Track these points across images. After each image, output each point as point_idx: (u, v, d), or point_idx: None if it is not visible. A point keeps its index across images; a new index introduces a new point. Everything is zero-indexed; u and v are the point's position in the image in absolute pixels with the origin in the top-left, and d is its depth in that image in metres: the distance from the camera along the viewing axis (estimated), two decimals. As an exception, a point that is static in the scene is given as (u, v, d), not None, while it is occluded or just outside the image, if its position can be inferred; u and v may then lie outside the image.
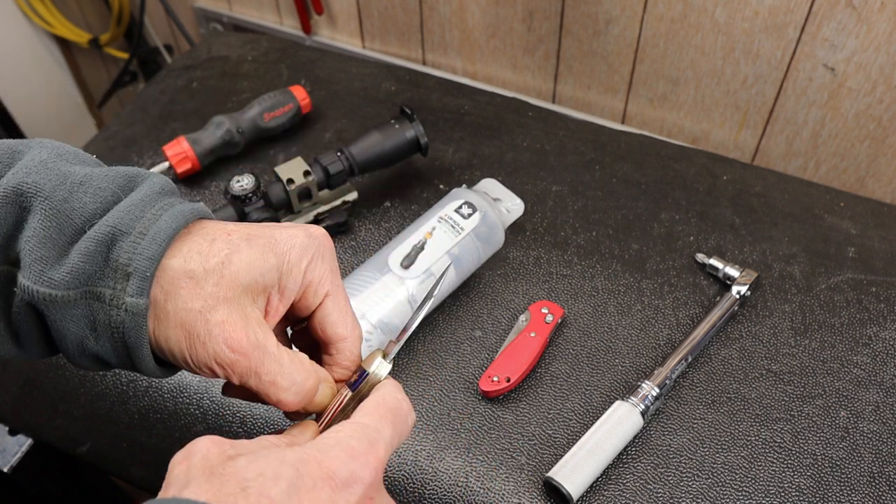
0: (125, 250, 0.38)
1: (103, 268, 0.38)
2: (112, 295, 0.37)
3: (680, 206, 0.89)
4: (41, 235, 0.38)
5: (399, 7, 1.19)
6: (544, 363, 0.75)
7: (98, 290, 0.38)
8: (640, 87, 1.09)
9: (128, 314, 0.37)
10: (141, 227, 0.38)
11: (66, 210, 0.38)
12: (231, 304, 0.39)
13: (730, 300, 0.78)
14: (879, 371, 0.74)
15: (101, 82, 1.74)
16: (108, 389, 0.78)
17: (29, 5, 1.48)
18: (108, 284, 0.38)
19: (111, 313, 0.38)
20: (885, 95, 0.93)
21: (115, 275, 0.38)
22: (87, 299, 0.38)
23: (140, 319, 0.38)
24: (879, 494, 0.66)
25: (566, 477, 0.64)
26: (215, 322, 0.38)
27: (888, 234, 0.86)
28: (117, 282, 0.37)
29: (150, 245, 0.38)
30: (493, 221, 0.78)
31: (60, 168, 0.40)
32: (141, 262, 0.37)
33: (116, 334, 0.38)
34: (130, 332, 0.38)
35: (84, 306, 0.38)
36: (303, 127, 1.00)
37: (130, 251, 0.38)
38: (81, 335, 0.39)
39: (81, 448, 0.79)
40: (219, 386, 0.75)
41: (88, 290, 0.38)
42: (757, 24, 0.95)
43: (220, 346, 0.39)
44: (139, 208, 0.39)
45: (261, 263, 0.40)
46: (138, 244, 0.38)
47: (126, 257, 0.38)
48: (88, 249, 0.38)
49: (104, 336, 0.38)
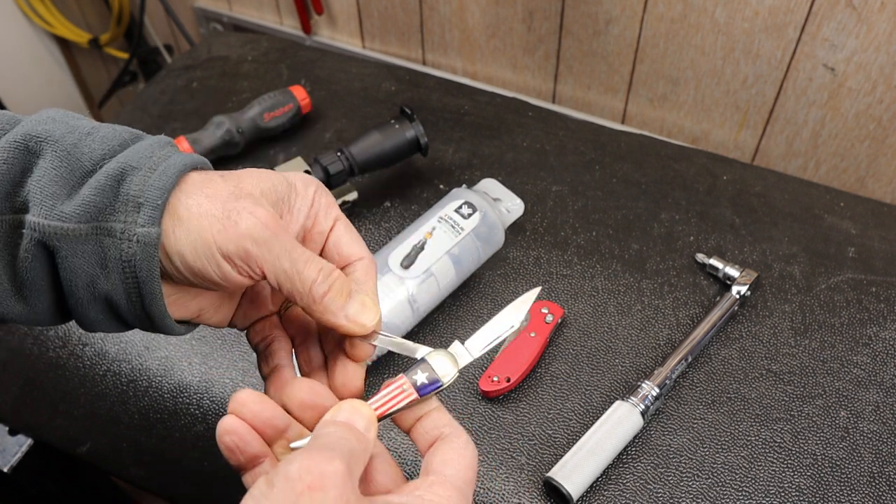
0: (136, 184, 0.38)
1: (114, 201, 0.38)
2: (123, 228, 0.38)
3: (680, 206, 0.89)
4: (52, 175, 0.38)
5: (399, 7, 1.19)
6: (544, 363, 0.75)
7: (109, 224, 0.38)
8: (640, 87, 1.09)
9: (139, 245, 0.37)
10: (151, 163, 0.39)
11: (75, 153, 0.39)
12: (254, 199, 0.40)
13: (730, 300, 0.78)
14: (879, 371, 0.74)
15: (101, 82, 1.75)
16: (108, 389, 0.78)
17: (29, 5, 1.48)
18: (118, 219, 0.38)
19: (122, 247, 0.38)
20: (885, 95, 0.93)
21: (126, 208, 0.38)
22: (98, 235, 0.38)
23: (151, 250, 0.38)
24: (879, 494, 0.66)
25: (566, 477, 0.64)
26: (244, 205, 0.39)
27: (888, 234, 0.86)
28: (128, 214, 0.38)
29: (161, 177, 0.38)
30: (493, 221, 0.78)
31: (68, 120, 0.41)
32: (152, 193, 0.38)
33: (128, 269, 0.38)
34: (142, 265, 0.38)
35: (94, 242, 0.38)
36: (303, 127, 1.00)
37: (141, 184, 0.38)
38: (92, 273, 0.38)
39: (81, 448, 0.79)
40: (219, 386, 0.75)
41: (99, 225, 0.38)
42: (757, 24, 0.95)
43: (254, 221, 0.38)
44: (148, 150, 0.40)
45: (271, 181, 0.42)
46: (149, 177, 0.38)
47: (137, 190, 0.38)
48: (99, 183, 0.38)
49: (115, 272, 0.38)
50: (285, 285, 0.40)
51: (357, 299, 0.41)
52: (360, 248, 0.44)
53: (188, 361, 0.77)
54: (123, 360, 0.78)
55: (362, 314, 0.41)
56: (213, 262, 0.39)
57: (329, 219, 0.44)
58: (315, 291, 0.40)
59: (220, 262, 0.39)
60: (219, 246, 0.38)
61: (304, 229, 0.43)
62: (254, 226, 0.38)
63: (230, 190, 0.39)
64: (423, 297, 0.74)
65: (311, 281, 0.40)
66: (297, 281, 0.40)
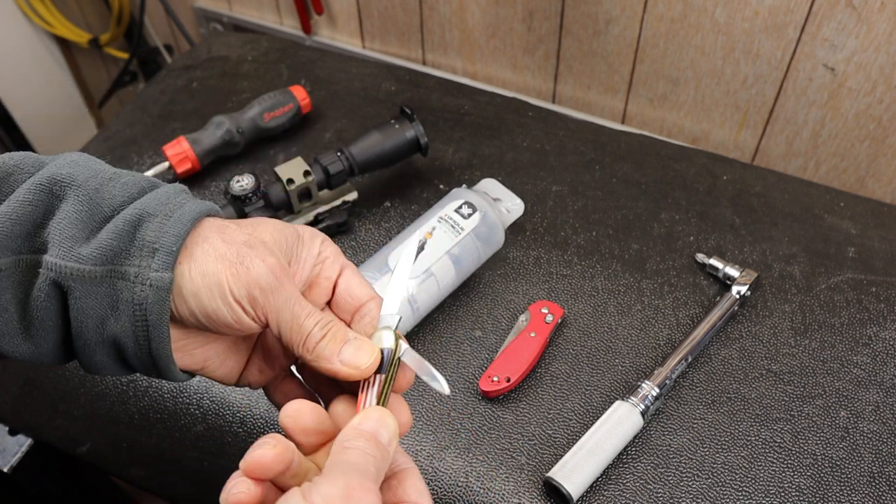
0: (152, 230, 0.40)
1: (129, 246, 0.39)
2: (137, 272, 0.39)
3: (680, 206, 0.89)
4: (73, 218, 0.40)
5: (399, 7, 1.19)
6: (544, 363, 0.75)
7: (123, 268, 0.39)
8: (640, 87, 1.09)
9: (152, 289, 0.39)
10: (167, 210, 0.41)
11: (97, 199, 0.41)
12: (266, 247, 0.42)
13: (730, 300, 0.78)
14: (879, 371, 0.74)
15: (101, 82, 1.74)
16: (108, 389, 0.78)
17: (29, 5, 1.48)
18: (133, 263, 0.39)
19: (135, 290, 0.39)
20: (885, 95, 0.93)
21: (141, 252, 0.39)
22: (112, 277, 0.39)
23: (164, 294, 0.39)
24: (879, 494, 0.66)
25: (566, 477, 0.64)
26: (257, 252, 0.41)
27: (888, 234, 0.86)
28: (143, 259, 0.39)
29: (176, 224, 0.40)
30: (493, 221, 0.78)
31: (91, 165, 0.43)
32: (167, 239, 0.39)
33: (138, 312, 0.39)
34: (153, 308, 0.39)
35: (108, 284, 0.39)
36: (303, 127, 1.00)
37: (157, 230, 0.40)
38: (102, 315, 0.39)
39: (81, 448, 0.79)
40: (219, 386, 0.75)
41: (114, 268, 0.39)
42: (757, 24, 0.95)
43: (264, 269, 0.40)
44: (165, 197, 0.42)
45: (283, 232, 0.44)
46: (164, 223, 0.40)
47: (153, 236, 0.39)
48: (117, 228, 0.40)
49: (125, 314, 0.39)
50: (285, 335, 0.42)
51: (352, 344, 0.43)
52: (370, 290, 0.46)
53: (188, 361, 0.77)
54: (123, 360, 0.78)
55: (356, 357, 0.42)
56: (227, 304, 0.40)
57: (336, 266, 0.46)
58: (310, 342, 0.42)
59: (232, 305, 0.40)
60: (230, 288, 0.40)
61: (310, 277, 0.45)
62: (264, 273, 0.40)
63: (245, 238, 0.41)
64: (423, 297, 0.74)
65: (308, 332, 0.42)
66: (296, 332, 0.41)
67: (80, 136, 1.70)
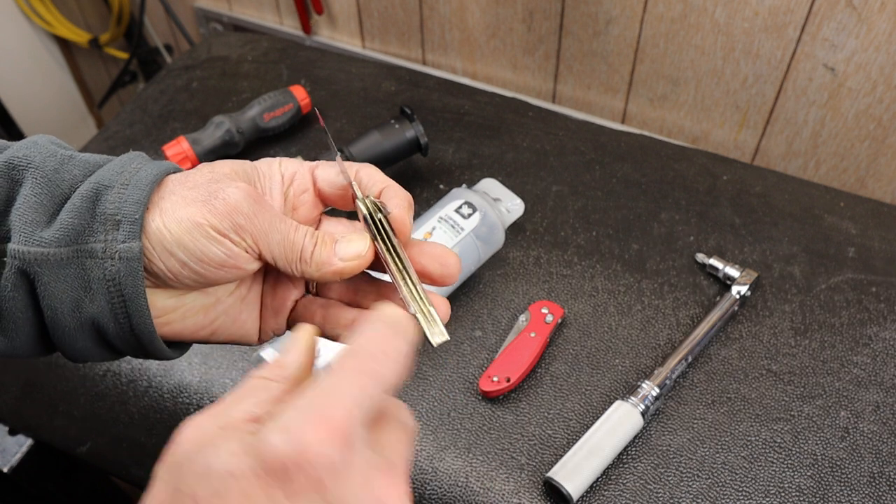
0: (111, 201, 0.38)
1: (92, 222, 0.38)
2: (104, 248, 0.37)
3: (680, 206, 0.89)
4: (32, 202, 0.38)
5: (399, 7, 1.19)
6: (544, 363, 0.75)
7: (89, 246, 0.38)
8: (640, 87, 1.09)
9: (122, 261, 0.37)
10: (123, 179, 0.39)
11: (56, 179, 0.39)
12: (231, 177, 0.40)
13: (730, 300, 0.78)
14: (879, 371, 0.74)
15: (101, 82, 1.74)
16: (108, 389, 0.78)
17: (29, 5, 1.48)
18: (98, 238, 0.38)
19: (105, 265, 0.37)
20: (885, 95, 0.93)
21: (105, 227, 0.38)
22: (80, 257, 0.38)
23: (134, 264, 0.37)
24: (879, 494, 0.66)
25: (566, 477, 0.64)
26: (227, 184, 0.39)
27: (888, 234, 0.86)
28: (107, 233, 0.38)
29: (135, 191, 0.38)
30: (493, 221, 0.78)
31: (50, 147, 0.41)
32: (128, 208, 0.38)
33: (112, 288, 0.38)
34: (126, 281, 0.37)
35: (77, 265, 0.38)
36: (303, 127, 1.00)
37: (117, 201, 0.38)
38: (76, 298, 0.38)
39: (81, 448, 0.79)
40: (219, 386, 0.75)
41: (80, 247, 0.38)
42: (757, 24, 0.95)
43: (239, 194, 0.39)
44: (119, 166, 0.40)
45: (240, 164, 0.42)
46: (123, 192, 0.38)
47: (113, 207, 0.38)
48: (75, 206, 0.38)
49: (100, 293, 0.38)
50: (279, 257, 0.40)
51: (342, 241, 0.41)
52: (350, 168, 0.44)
53: (188, 361, 0.77)
54: (123, 360, 0.78)
55: (351, 247, 0.41)
56: (213, 241, 0.38)
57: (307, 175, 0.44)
58: (305, 253, 0.40)
59: (218, 239, 0.38)
60: (212, 224, 0.38)
61: (289, 202, 0.43)
62: (241, 198, 0.39)
63: (208, 176, 0.40)
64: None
65: (301, 245, 0.40)
66: (289, 249, 0.40)
67: (80, 136, 1.70)
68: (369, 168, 0.44)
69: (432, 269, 0.43)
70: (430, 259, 0.43)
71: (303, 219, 0.44)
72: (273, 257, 0.40)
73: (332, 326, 0.44)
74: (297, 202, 0.44)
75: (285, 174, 0.44)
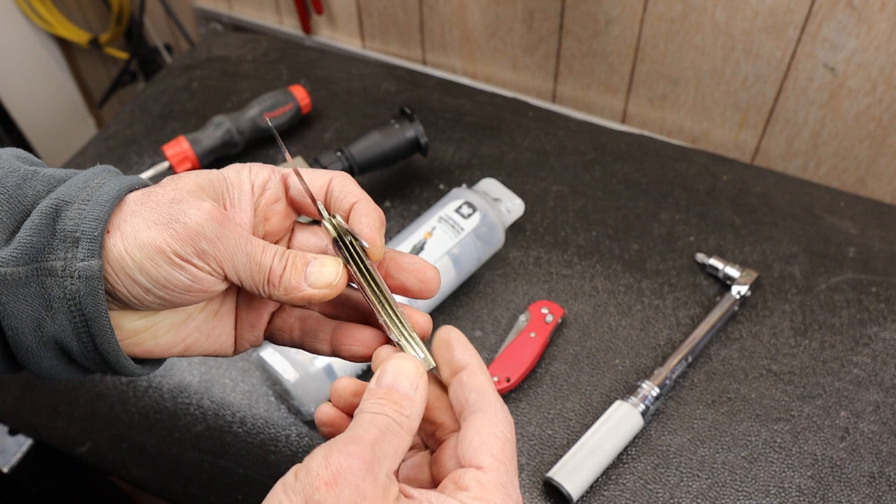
0: (71, 218, 0.37)
1: (51, 240, 0.37)
2: (64, 266, 0.36)
3: (680, 206, 0.89)
4: None
5: (399, 7, 1.19)
6: (544, 363, 0.75)
7: (49, 264, 0.36)
8: (640, 87, 1.09)
9: (81, 280, 0.36)
10: (84, 195, 0.38)
11: (17, 195, 0.38)
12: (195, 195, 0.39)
13: (730, 300, 0.77)
14: (879, 371, 0.74)
15: (101, 82, 1.74)
16: (108, 389, 0.78)
17: (29, 5, 1.48)
18: (58, 256, 0.36)
19: (65, 284, 0.36)
20: (885, 95, 0.93)
21: (64, 244, 0.36)
22: (40, 276, 0.36)
23: (95, 283, 0.36)
24: (879, 494, 0.66)
25: (566, 477, 0.64)
26: (190, 203, 0.38)
27: (888, 234, 0.86)
28: (67, 251, 0.36)
29: (95, 207, 0.37)
30: (493, 221, 0.78)
31: (13, 163, 0.39)
32: (88, 225, 0.36)
33: (73, 307, 0.37)
34: (87, 300, 0.36)
35: (36, 284, 0.36)
36: (303, 127, 1.00)
37: (76, 217, 0.37)
38: (37, 317, 0.37)
39: (81, 448, 0.79)
40: (219, 386, 0.75)
41: (39, 266, 0.36)
42: (757, 24, 0.95)
43: (201, 216, 0.37)
44: (82, 182, 0.39)
45: (206, 176, 0.40)
46: (83, 209, 0.37)
47: (73, 224, 0.37)
48: (34, 223, 0.37)
49: (61, 312, 0.37)
50: (246, 280, 0.39)
51: (314, 263, 0.40)
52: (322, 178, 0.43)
53: (188, 361, 0.77)
54: (123, 360, 0.78)
55: (322, 276, 0.39)
56: (176, 267, 0.37)
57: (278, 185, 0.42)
58: (273, 277, 0.39)
59: (181, 265, 0.37)
60: (174, 250, 0.37)
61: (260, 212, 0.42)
62: (203, 221, 0.37)
63: (170, 195, 0.38)
64: (423, 297, 0.74)
65: (269, 267, 0.39)
66: (257, 272, 0.39)
67: (79, 136, 1.70)
68: (342, 178, 0.43)
69: (411, 284, 0.43)
70: (409, 275, 0.43)
71: (275, 229, 0.43)
72: (239, 279, 0.39)
73: (311, 340, 0.44)
74: (269, 212, 0.43)
75: (255, 183, 0.42)
